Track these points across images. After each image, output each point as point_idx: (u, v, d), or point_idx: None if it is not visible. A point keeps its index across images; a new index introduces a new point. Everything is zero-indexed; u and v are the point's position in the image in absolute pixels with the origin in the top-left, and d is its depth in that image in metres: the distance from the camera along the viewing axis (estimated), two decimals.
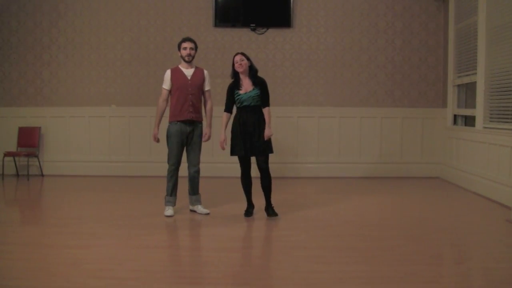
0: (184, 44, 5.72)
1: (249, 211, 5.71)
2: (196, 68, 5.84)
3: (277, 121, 8.61)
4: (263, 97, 5.57)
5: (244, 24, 8.55)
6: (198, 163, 5.83)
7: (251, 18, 8.54)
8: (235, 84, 5.60)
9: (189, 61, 5.74)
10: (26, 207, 6.61)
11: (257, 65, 8.48)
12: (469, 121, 7.85)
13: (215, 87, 8.64)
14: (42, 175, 8.61)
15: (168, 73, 5.74)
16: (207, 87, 5.87)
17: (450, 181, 8.05)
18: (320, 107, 8.64)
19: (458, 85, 8.08)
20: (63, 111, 8.74)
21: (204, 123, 5.87)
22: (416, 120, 8.62)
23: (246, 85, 5.58)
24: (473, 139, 7.26)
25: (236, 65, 5.56)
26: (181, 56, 5.75)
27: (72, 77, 8.74)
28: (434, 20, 8.55)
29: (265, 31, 8.60)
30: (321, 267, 4.00)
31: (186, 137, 5.71)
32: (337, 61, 8.62)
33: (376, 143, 8.63)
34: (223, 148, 5.65)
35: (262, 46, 8.63)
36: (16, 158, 8.59)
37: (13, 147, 8.59)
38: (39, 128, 8.63)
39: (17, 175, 8.64)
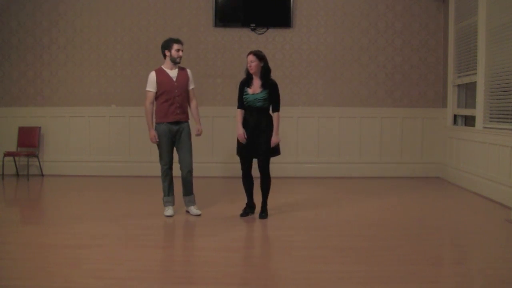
0: (177, 46, 5.65)
1: (246, 211, 5.69)
2: (179, 68, 5.78)
3: None
4: (273, 101, 5.50)
5: (244, 24, 8.54)
6: (191, 163, 5.76)
7: (251, 18, 8.54)
8: (247, 81, 5.53)
9: (179, 63, 5.71)
10: (26, 207, 6.61)
11: None
12: (469, 121, 7.84)
13: (215, 87, 8.67)
14: (42, 175, 8.61)
15: (153, 75, 5.64)
16: (191, 86, 5.81)
17: (450, 181, 8.05)
18: (320, 107, 8.64)
19: (458, 85, 8.08)
20: (63, 111, 8.74)
21: (191, 121, 5.81)
22: (416, 120, 8.62)
23: (255, 86, 5.50)
24: (473, 139, 7.26)
25: (247, 65, 5.49)
26: (171, 57, 5.64)
27: (72, 77, 8.74)
28: (434, 20, 8.55)
29: (265, 31, 8.60)
30: (321, 267, 4.00)
31: (174, 136, 5.68)
32: (337, 61, 8.62)
33: (376, 143, 8.63)
34: (244, 141, 5.53)
35: (262, 46, 8.61)
36: (16, 158, 8.59)
37: (13, 147, 8.59)
38: (39, 128, 8.63)
39: (17, 175, 8.64)
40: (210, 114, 8.59)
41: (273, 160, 8.57)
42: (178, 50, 5.66)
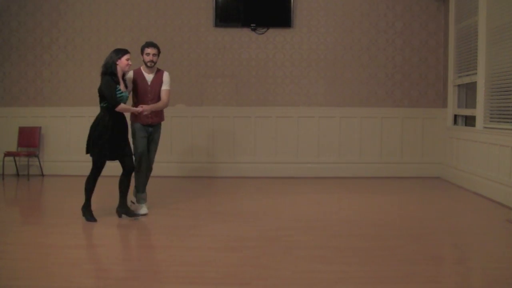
0: (147, 50, 5.62)
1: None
2: (157, 71, 5.75)
3: (277, 121, 8.63)
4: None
5: (244, 24, 8.54)
6: (153, 162, 5.83)
7: (252, 18, 8.53)
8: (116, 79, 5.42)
9: (151, 67, 5.69)
10: (26, 207, 6.61)
11: (257, 65, 8.61)
12: (469, 121, 7.84)
13: (215, 87, 8.66)
14: (42, 175, 8.61)
15: (131, 74, 5.64)
16: (163, 87, 5.72)
17: (450, 181, 8.05)
18: (320, 107, 8.63)
19: (458, 85, 8.08)
20: (64, 111, 8.74)
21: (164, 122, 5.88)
22: (416, 120, 8.62)
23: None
24: (473, 139, 7.25)
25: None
26: (143, 61, 5.66)
27: (72, 77, 8.74)
28: (435, 20, 8.54)
29: (265, 31, 8.60)
30: (321, 267, 4.00)
31: (149, 134, 5.73)
32: (337, 61, 8.62)
33: (376, 143, 8.63)
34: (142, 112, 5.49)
35: (262, 46, 8.62)
36: (17, 158, 8.59)
37: (13, 147, 8.59)
38: (40, 128, 8.63)
39: (17, 175, 8.63)
40: (210, 114, 8.59)
41: (273, 160, 8.63)
42: (148, 54, 5.64)
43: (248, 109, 8.60)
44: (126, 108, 5.35)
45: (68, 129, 8.75)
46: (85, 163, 8.73)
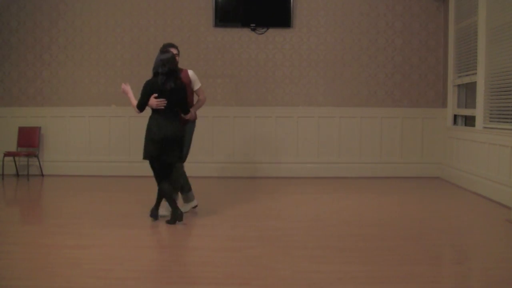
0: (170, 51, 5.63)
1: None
2: (180, 71, 5.72)
3: (277, 121, 8.63)
4: None
5: (244, 24, 8.54)
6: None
7: (251, 18, 8.53)
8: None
9: None
10: (26, 207, 6.61)
11: (257, 65, 8.62)
12: (469, 121, 7.85)
13: (216, 87, 8.67)
14: (42, 175, 8.61)
15: None
16: (196, 87, 5.80)
17: (450, 181, 8.05)
18: (320, 107, 8.63)
19: (458, 85, 8.08)
20: (63, 111, 8.74)
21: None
22: (416, 120, 8.62)
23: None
24: (473, 139, 7.26)
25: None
26: None
27: (72, 77, 8.74)
28: (434, 20, 8.55)
29: (265, 31, 8.60)
30: (321, 267, 4.00)
31: None
32: (337, 61, 8.62)
33: (376, 143, 8.63)
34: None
35: (262, 46, 8.63)
36: (16, 158, 8.58)
37: (13, 147, 8.59)
38: (39, 128, 8.63)
39: (17, 175, 8.63)
40: (210, 114, 8.58)
41: (273, 160, 8.64)
42: None
43: (248, 109, 8.61)
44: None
45: (68, 129, 8.75)
46: (85, 163, 8.78)
